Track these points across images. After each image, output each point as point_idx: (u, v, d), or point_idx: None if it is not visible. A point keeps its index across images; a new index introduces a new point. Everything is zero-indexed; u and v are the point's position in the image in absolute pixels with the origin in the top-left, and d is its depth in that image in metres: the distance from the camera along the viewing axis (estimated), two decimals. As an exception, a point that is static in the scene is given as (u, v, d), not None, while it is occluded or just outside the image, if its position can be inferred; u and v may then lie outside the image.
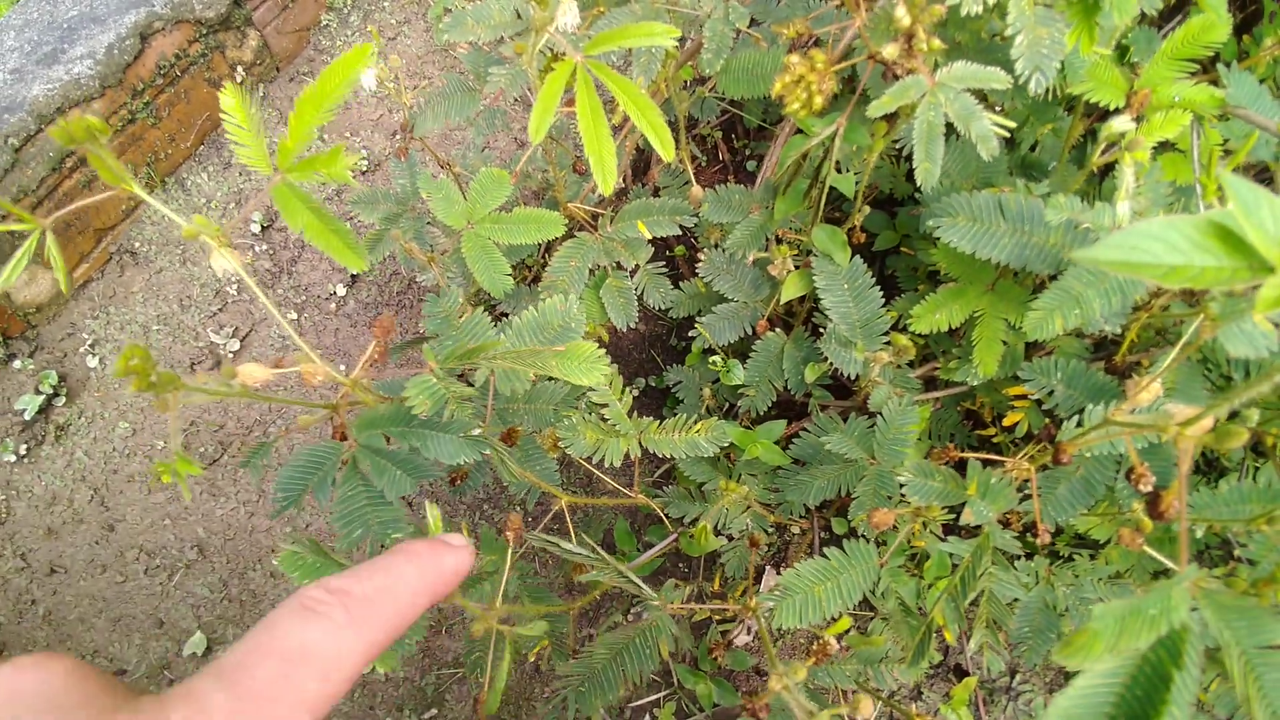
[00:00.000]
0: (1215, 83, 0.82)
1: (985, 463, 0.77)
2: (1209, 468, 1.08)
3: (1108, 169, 0.89)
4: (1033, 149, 1.01)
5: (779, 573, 0.98)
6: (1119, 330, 0.75)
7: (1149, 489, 0.60)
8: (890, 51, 0.63)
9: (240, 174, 1.58)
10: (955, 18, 0.69)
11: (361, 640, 0.26)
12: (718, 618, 0.99)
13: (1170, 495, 0.52)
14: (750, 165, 1.41)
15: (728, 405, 1.08)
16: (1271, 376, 0.43)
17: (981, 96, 0.80)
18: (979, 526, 0.73)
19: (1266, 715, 0.42)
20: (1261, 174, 1.00)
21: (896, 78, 0.67)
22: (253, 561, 1.28)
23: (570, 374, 0.64)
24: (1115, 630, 0.39)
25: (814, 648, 0.60)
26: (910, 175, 1.12)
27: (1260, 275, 0.37)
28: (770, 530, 1.15)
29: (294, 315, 1.46)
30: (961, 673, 1.10)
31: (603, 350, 0.94)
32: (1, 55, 1.47)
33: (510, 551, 0.73)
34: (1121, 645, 0.39)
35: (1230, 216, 0.37)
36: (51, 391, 1.40)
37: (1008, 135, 0.71)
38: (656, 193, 1.27)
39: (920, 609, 0.80)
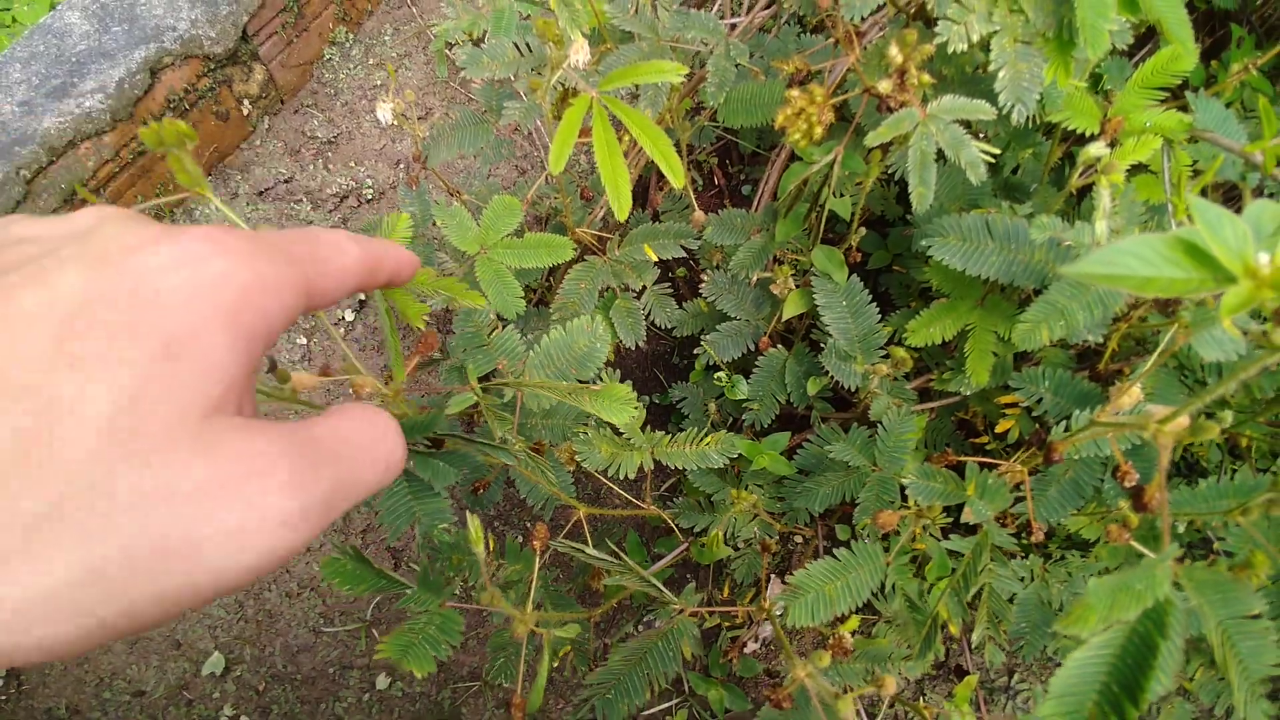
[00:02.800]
0: (1184, 108, 0.88)
1: (981, 465, 0.82)
2: (1190, 471, 1.14)
3: (1085, 190, 0.95)
4: (1014, 172, 1.07)
5: (784, 581, 1.02)
6: (1101, 340, 0.81)
7: (1133, 484, 0.64)
8: (885, 86, 0.69)
9: (247, 204, 1.62)
10: (942, 53, 0.74)
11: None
12: (727, 625, 1.03)
13: (1152, 488, 0.57)
14: (745, 189, 1.47)
15: (731, 419, 1.12)
16: (1238, 375, 0.48)
17: (966, 125, 0.86)
18: (978, 527, 0.78)
19: (1242, 678, 0.47)
20: (1230, 191, 1.06)
21: (890, 110, 0.73)
22: (268, 582, 1.31)
23: (603, 412, 0.69)
24: (1107, 603, 0.43)
25: (830, 643, 0.64)
26: (900, 197, 1.18)
27: (1224, 285, 0.43)
28: (775, 538, 1.19)
29: (303, 340, 1.50)
30: (962, 673, 1.14)
31: (616, 370, 0.98)
32: (8, 88, 1.51)
33: (537, 560, 0.77)
34: (1113, 616, 0.43)
35: (1196, 234, 0.43)
36: (64, 419, 1.42)
37: (993, 160, 0.77)
38: (656, 217, 1.32)
39: (925, 606, 0.84)
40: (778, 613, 0.75)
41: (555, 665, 0.89)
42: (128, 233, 0.26)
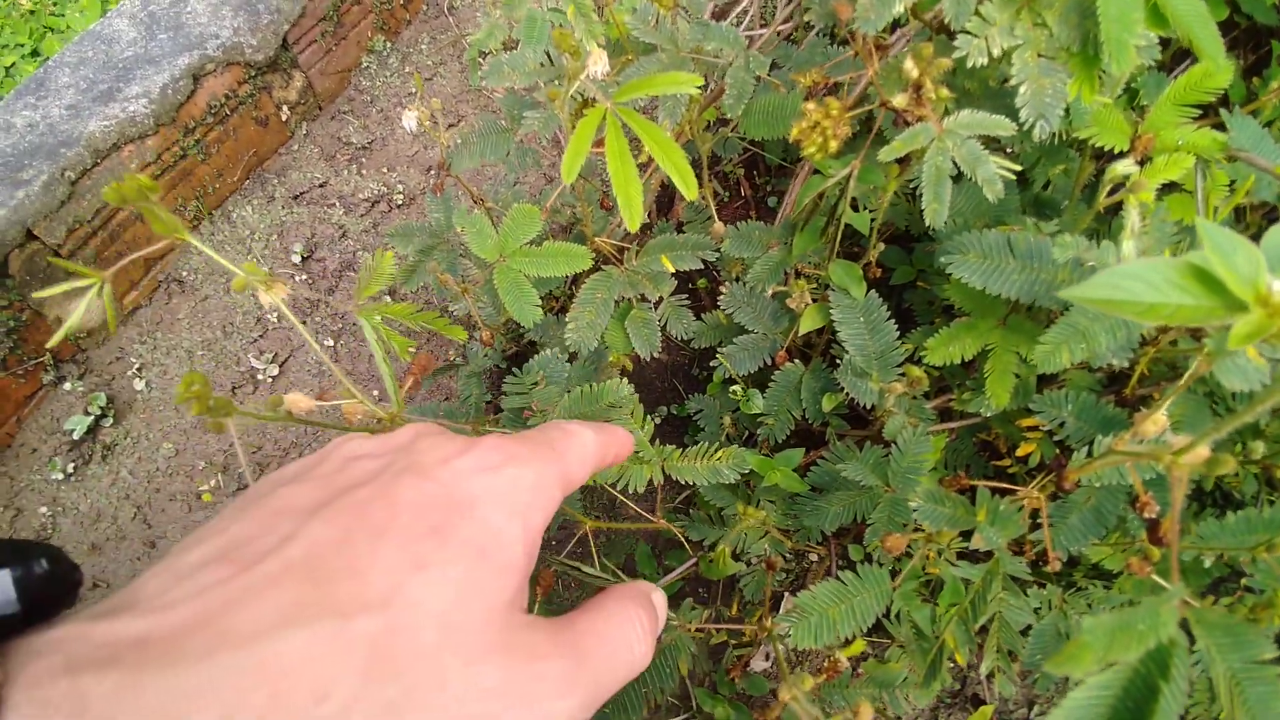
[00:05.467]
0: (1221, 126, 0.85)
1: (998, 491, 0.79)
2: (1225, 502, 1.09)
3: (1117, 208, 0.92)
4: (1045, 188, 1.05)
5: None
6: (1127, 364, 0.78)
7: (1153, 515, 0.62)
8: (900, 101, 0.67)
9: (283, 207, 1.66)
10: (964, 68, 0.73)
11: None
12: (734, 642, 1.02)
13: (1167, 522, 0.55)
14: (771, 201, 1.45)
15: (747, 433, 1.11)
16: (1256, 407, 0.46)
17: (995, 140, 0.84)
18: (991, 552, 0.75)
19: (1254, 729, 0.44)
20: (1272, 213, 1.02)
21: (908, 124, 0.72)
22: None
23: None
24: (1105, 643, 0.41)
25: (825, 665, 0.62)
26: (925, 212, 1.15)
27: (1235, 313, 0.41)
28: (789, 557, 1.17)
29: (330, 342, 1.52)
30: (979, 703, 1.11)
31: (626, 380, 0.98)
32: (57, 92, 1.56)
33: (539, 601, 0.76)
34: (1110, 657, 0.41)
35: (1206, 259, 0.41)
36: (100, 412, 1.47)
37: (1015, 176, 0.75)
38: (680, 228, 1.31)
39: (936, 635, 0.81)
40: (780, 633, 0.73)
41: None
42: (438, 448, 0.33)
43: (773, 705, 0.57)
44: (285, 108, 1.71)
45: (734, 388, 1.02)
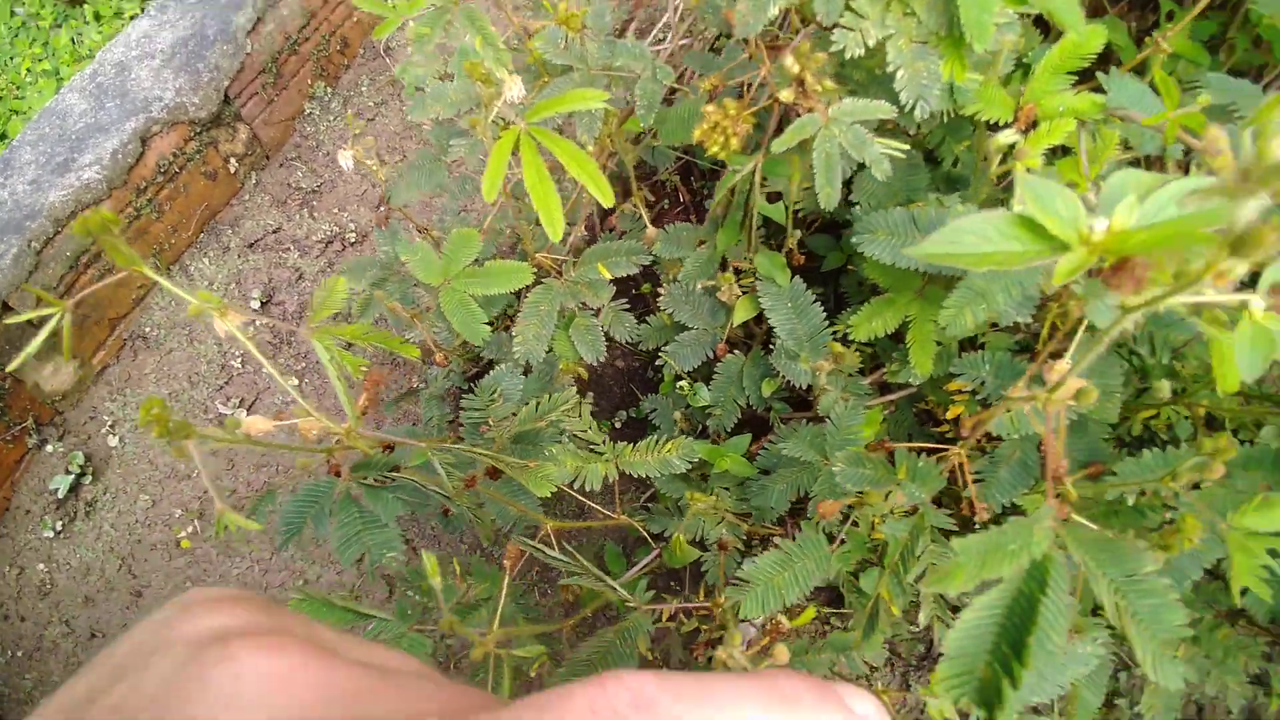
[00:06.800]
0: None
1: (929, 451, 0.84)
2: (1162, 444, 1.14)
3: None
4: (956, 165, 1.10)
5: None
6: (1030, 320, 0.82)
7: (1051, 453, 0.66)
8: (786, 95, 0.72)
9: (238, 256, 1.69)
10: (849, 60, 0.77)
11: None
12: (705, 627, 1.05)
13: (1054, 456, 0.59)
14: (709, 204, 1.50)
15: (700, 427, 1.15)
16: (1101, 344, 0.51)
17: (896, 123, 0.88)
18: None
19: (1146, 639, 0.48)
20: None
21: (799, 116, 0.76)
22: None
23: (533, 485, 0.76)
24: (977, 563, 0.45)
25: (768, 628, 0.66)
26: (848, 200, 1.20)
27: (1059, 253, 0.45)
28: (750, 540, 1.21)
29: (295, 381, 1.55)
30: (947, 662, 1.14)
31: (575, 389, 1.02)
32: (20, 168, 1.60)
33: (507, 579, 0.80)
34: (984, 575, 0.45)
35: (1030, 209, 0.45)
36: (79, 471, 1.49)
37: (924, 155, 0.79)
38: (623, 237, 1.36)
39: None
40: (733, 602, 0.77)
41: (534, 673, 0.92)
42: (191, 658, 0.23)
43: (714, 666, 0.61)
44: (233, 160, 1.75)
45: (680, 383, 1.07)
